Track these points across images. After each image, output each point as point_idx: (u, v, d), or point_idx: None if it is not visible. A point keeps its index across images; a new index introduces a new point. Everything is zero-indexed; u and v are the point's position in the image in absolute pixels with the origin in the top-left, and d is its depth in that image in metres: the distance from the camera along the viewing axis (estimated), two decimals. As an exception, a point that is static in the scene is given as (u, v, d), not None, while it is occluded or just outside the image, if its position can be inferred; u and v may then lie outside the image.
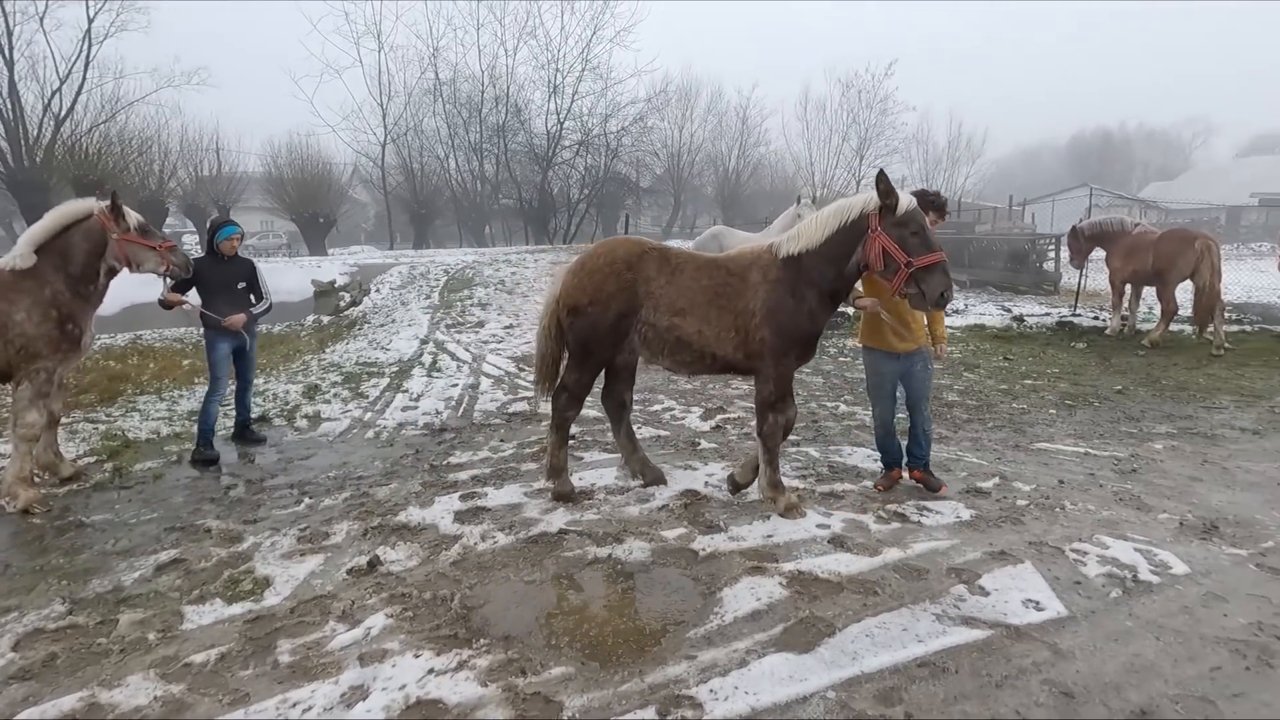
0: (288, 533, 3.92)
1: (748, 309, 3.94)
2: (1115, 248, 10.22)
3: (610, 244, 4.29)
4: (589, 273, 4.12)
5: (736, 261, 4.11)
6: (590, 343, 4.15)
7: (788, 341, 3.95)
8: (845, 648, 2.80)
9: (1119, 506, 4.26)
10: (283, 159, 29.15)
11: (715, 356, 4.07)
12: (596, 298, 4.05)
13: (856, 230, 3.82)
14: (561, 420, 4.36)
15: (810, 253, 3.91)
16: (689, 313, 4.01)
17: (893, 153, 41.40)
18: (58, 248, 4.44)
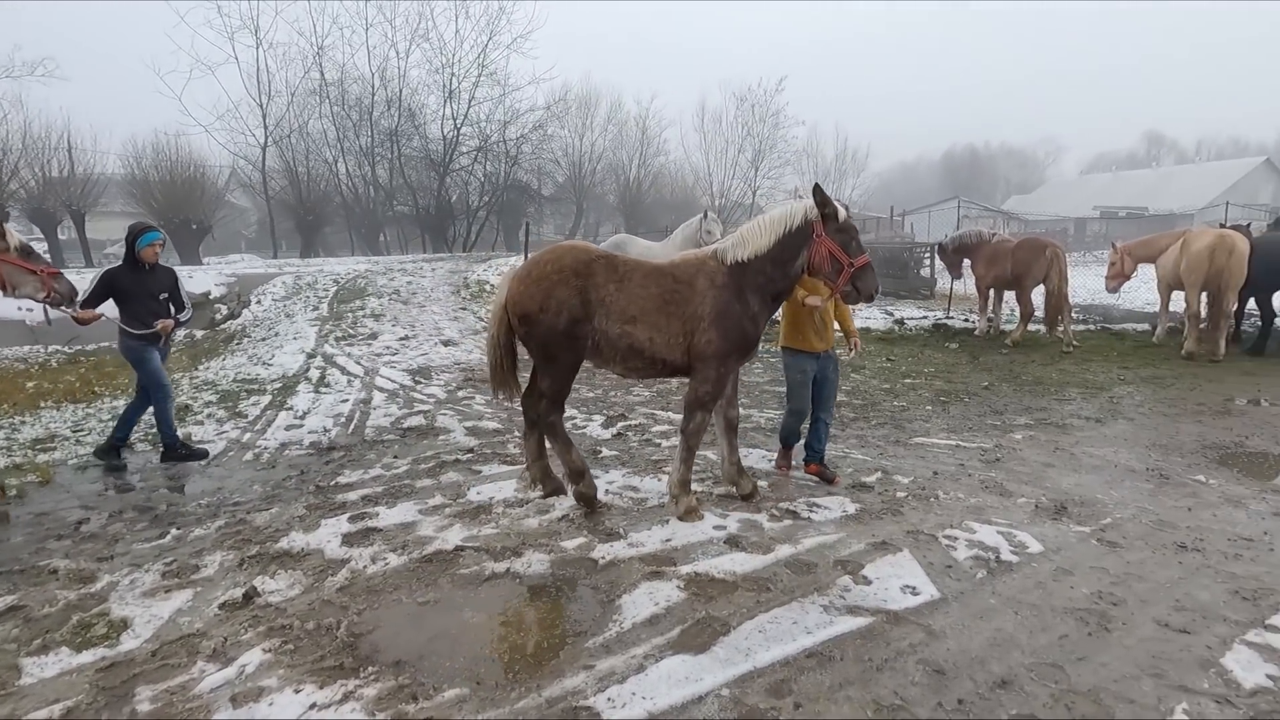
0: (150, 568, 3.59)
1: (696, 314, 4.05)
2: (978, 256, 11.15)
3: (558, 250, 4.24)
4: (537, 280, 4.05)
5: (682, 268, 4.19)
6: (551, 347, 4.09)
7: (732, 345, 4.10)
8: (739, 645, 2.89)
9: (985, 493, 4.63)
10: (148, 160, 26.78)
11: (665, 362, 4.15)
12: (547, 305, 3.99)
13: (801, 235, 4.08)
14: (550, 428, 4.29)
15: (759, 257, 4.09)
16: (640, 320, 4.05)
17: (785, 164, 43.37)
18: None
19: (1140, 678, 2.69)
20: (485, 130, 30.77)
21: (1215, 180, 46.83)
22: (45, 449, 5.71)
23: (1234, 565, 3.63)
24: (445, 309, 13.23)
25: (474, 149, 30.93)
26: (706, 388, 4.13)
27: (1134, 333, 11.82)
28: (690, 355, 4.11)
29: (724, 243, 4.25)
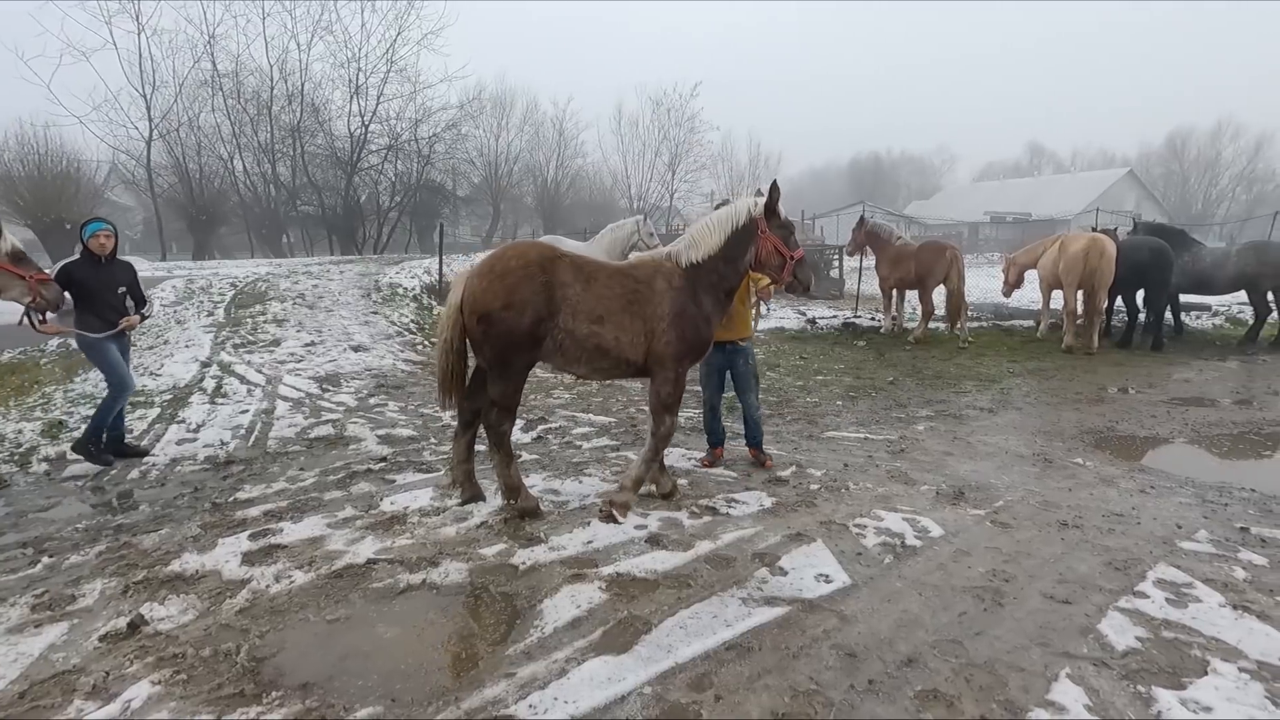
0: (18, 601, 3.24)
1: (656, 314, 4.12)
2: (883, 256, 11.74)
3: (520, 247, 4.14)
4: (499, 275, 3.90)
5: (641, 270, 4.24)
6: (507, 350, 3.94)
7: (689, 346, 4.22)
8: (661, 642, 2.91)
9: (891, 483, 4.87)
10: (11, 153, 24.18)
11: (629, 362, 4.16)
12: (510, 301, 3.85)
13: (748, 233, 4.26)
14: (499, 437, 4.13)
15: (711, 257, 4.23)
16: (607, 320, 4.05)
17: (701, 169, 44.32)
18: None
19: (1029, 647, 2.90)
20: (395, 128, 29.76)
21: (1087, 189, 51.35)
22: (-113, 475, 5.06)
23: (1108, 539, 3.97)
24: (355, 313, 12.68)
25: (384, 147, 29.83)
26: (668, 389, 4.21)
27: (1021, 329, 12.75)
28: (651, 357, 4.15)
29: (677, 245, 4.37)
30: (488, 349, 3.99)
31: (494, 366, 4.04)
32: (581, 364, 4.18)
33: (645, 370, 4.26)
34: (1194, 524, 4.21)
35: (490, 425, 4.15)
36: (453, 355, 4.08)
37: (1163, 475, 5.16)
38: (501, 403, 4.11)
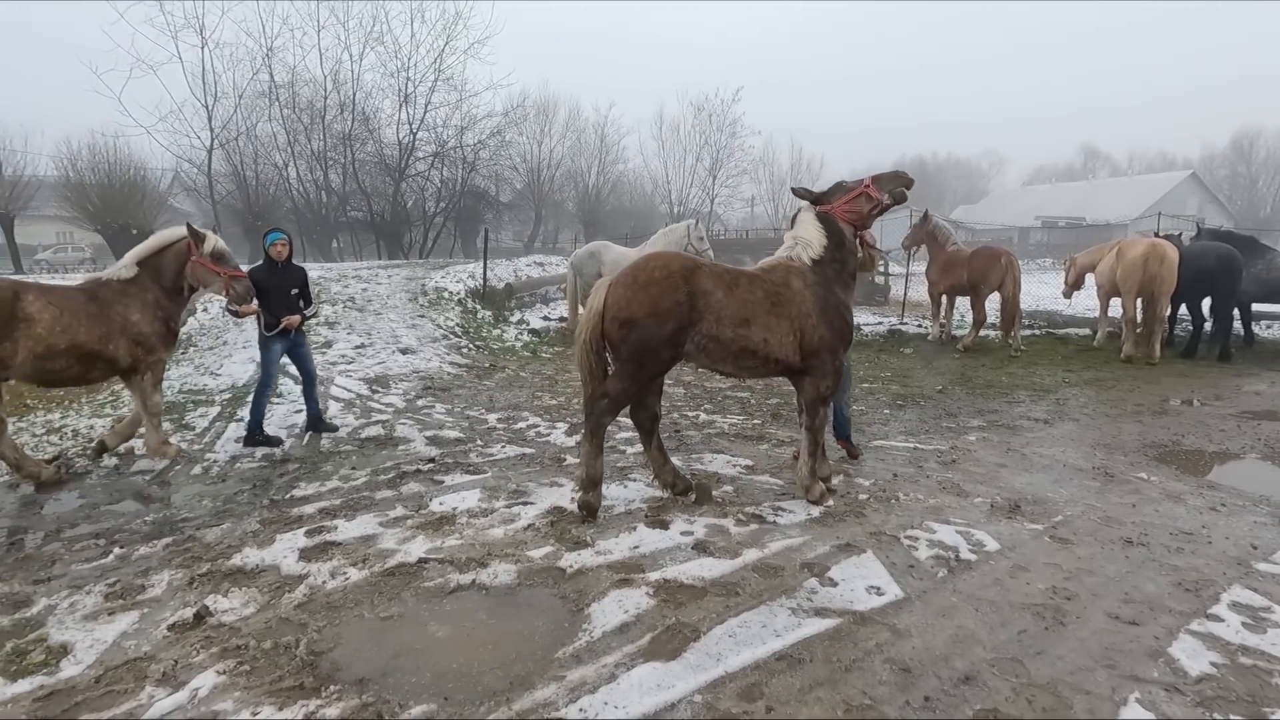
0: (92, 590, 3.40)
1: (802, 311, 4.29)
2: (935, 260, 11.47)
3: (662, 257, 4.27)
4: (643, 286, 4.08)
5: (774, 274, 4.42)
6: (645, 356, 4.12)
7: (841, 335, 4.44)
8: (710, 650, 2.89)
9: (943, 494, 4.75)
10: (83, 162, 25.49)
11: (778, 361, 4.33)
12: (654, 310, 4.04)
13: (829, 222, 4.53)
14: (597, 427, 4.26)
15: (825, 249, 4.48)
16: (753, 322, 4.21)
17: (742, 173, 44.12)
18: (154, 264, 5.29)
19: (1095, 669, 2.78)
20: (442, 136, 30.36)
21: (1146, 192, 49.36)
22: (-28, 466, 5.36)
23: (1176, 558, 3.80)
24: (402, 316, 12.95)
25: (430, 154, 30.47)
26: (826, 382, 4.42)
27: (1076, 337, 12.31)
28: (805, 353, 4.33)
29: (791, 249, 4.56)
30: (625, 351, 4.16)
31: (625, 366, 4.21)
32: (728, 363, 4.36)
33: (795, 369, 4.42)
34: (1271, 544, 4.00)
35: (594, 413, 4.27)
36: (592, 355, 4.31)
37: (1234, 492, 4.91)
38: (616, 398, 4.25)
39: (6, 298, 4.56)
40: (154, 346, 5.20)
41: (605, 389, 4.26)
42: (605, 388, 4.27)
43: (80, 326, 4.81)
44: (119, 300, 5.06)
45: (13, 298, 4.59)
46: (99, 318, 4.93)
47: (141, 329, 5.09)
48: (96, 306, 4.96)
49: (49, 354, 4.70)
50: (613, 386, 4.24)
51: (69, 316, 4.78)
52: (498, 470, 5.25)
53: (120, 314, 5.02)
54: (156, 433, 5.33)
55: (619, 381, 4.24)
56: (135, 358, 5.10)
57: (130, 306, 5.08)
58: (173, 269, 5.32)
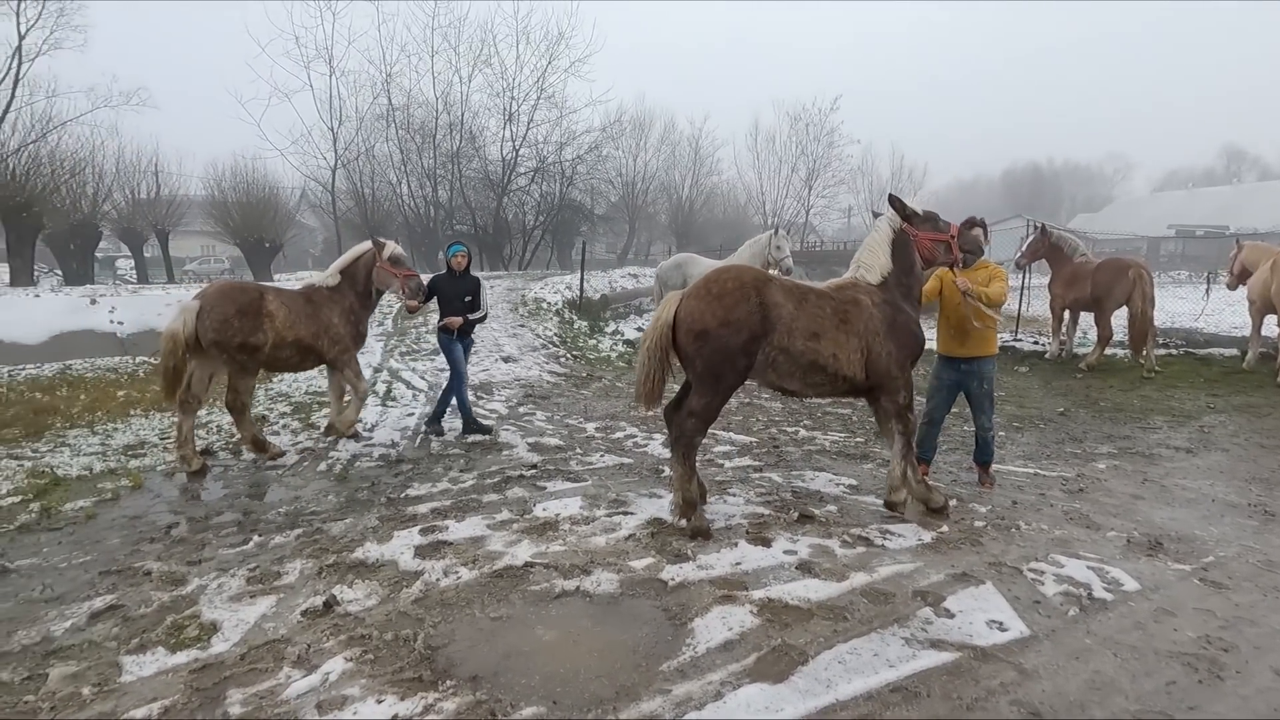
0: (236, 573, 3.72)
1: (870, 329, 4.31)
2: (1058, 274, 10.69)
3: (735, 269, 4.34)
4: (716, 296, 4.12)
5: (842, 292, 4.45)
6: (722, 367, 4.12)
7: (909, 350, 4.45)
8: (819, 675, 2.80)
9: (1070, 525, 4.40)
10: (227, 182, 28.21)
11: (846, 378, 4.32)
12: (727, 320, 4.05)
13: (903, 242, 4.59)
14: (689, 448, 4.29)
15: (890, 272, 4.53)
16: (822, 336, 4.21)
17: (839, 183, 43.09)
18: (351, 273, 6.24)
19: (1262, 732, 2.49)
20: (542, 151, 31.49)
21: (1304, 197, 44.11)
22: (136, 455, 6.01)
23: (1359, 613, 3.34)
24: (504, 326, 13.47)
25: (531, 170, 31.65)
26: (903, 394, 4.41)
27: (1220, 358, 11.12)
28: (871, 371, 4.32)
29: (855, 272, 4.59)
30: (700, 364, 4.14)
31: (704, 380, 4.19)
32: (795, 379, 4.31)
33: (862, 385, 4.40)
34: None
35: (683, 433, 4.27)
36: (654, 364, 4.26)
37: None
38: (702, 415, 4.23)
39: (255, 297, 5.63)
40: (347, 345, 6.11)
41: (690, 407, 4.26)
42: (690, 406, 4.26)
43: (301, 323, 5.81)
44: (326, 304, 6.03)
45: (259, 297, 5.65)
46: (313, 317, 5.92)
47: (339, 330, 6.02)
48: (311, 308, 5.95)
49: (280, 344, 5.70)
50: (697, 404, 4.23)
51: (294, 315, 5.77)
52: (597, 479, 5.33)
53: (326, 315, 5.98)
54: (356, 411, 6.33)
55: (702, 397, 4.22)
56: (333, 354, 6.03)
57: (333, 310, 6.03)
58: (363, 276, 6.25)
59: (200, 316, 5.40)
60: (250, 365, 5.67)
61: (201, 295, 5.57)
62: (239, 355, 5.53)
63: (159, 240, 29.74)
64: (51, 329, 10.96)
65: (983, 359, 5.02)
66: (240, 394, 5.71)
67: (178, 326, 5.35)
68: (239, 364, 5.59)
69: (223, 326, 5.41)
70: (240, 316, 5.47)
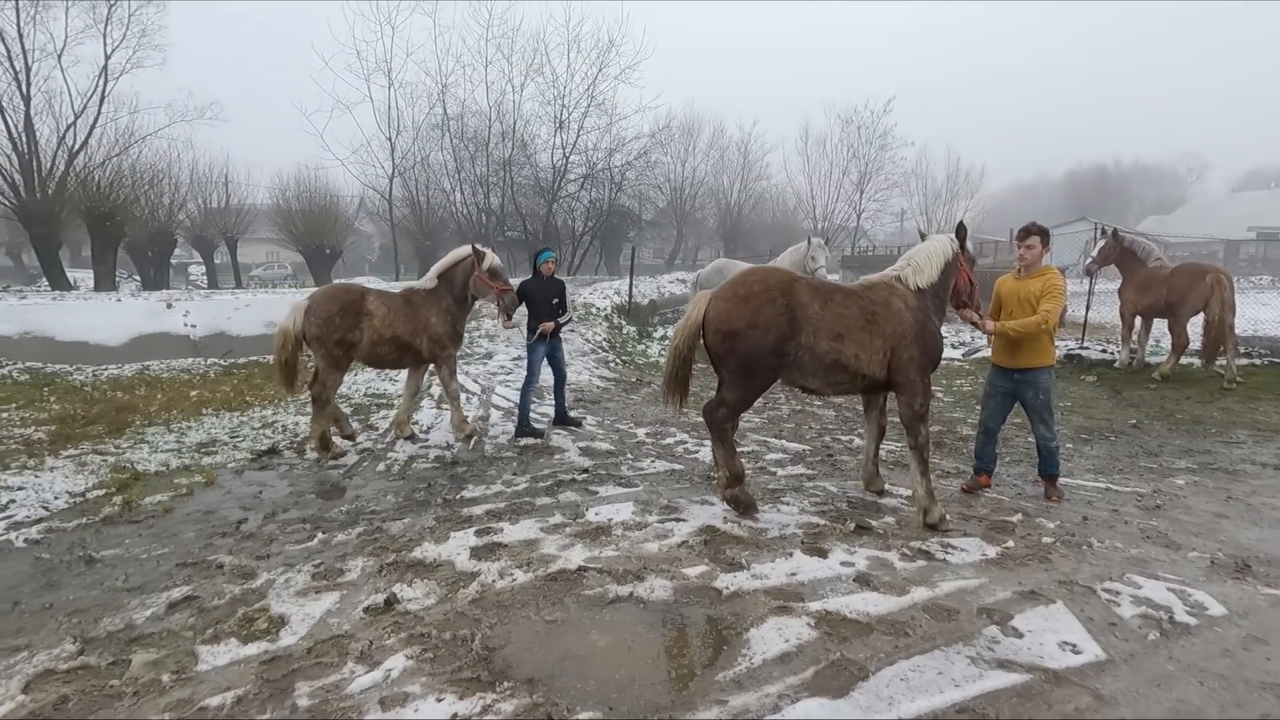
0: (302, 569, 3.84)
1: (898, 332, 4.40)
2: (1130, 279, 10.21)
3: (761, 272, 4.50)
4: (745, 299, 4.28)
5: (874, 292, 4.55)
6: (753, 365, 4.29)
7: (931, 358, 4.55)
8: (880, 692, 2.72)
9: (1147, 544, 4.18)
10: (291, 192, 29.41)
11: (865, 376, 4.44)
12: (756, 321, 4.21)
13: (951, 266, 4.73)
14: (721, 432, 4.50)
15: (933, 284, 4.64)
16: (846, 337, 4.33)
17: (892, 186, 42.07)
18: (449, 277, 6.58)
19: (1371, 774, 2.30)
20: (592, 158, 31.74)
21: (1404, 197, 41.01)
22: (209, 452, 6.29)
23: None
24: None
25: (581, 176, 31.94)
26: (919, 399, 4.50)
27: (1311, 369, 10.42)
28: (893, 371, 4.43)
29: (902, 269, 4.68)
30: (732, 362, 4.32)
31: (736, 377, 4.38)
32: (816, 378, 4.45)
33: (881, 385, 4.54)
34: None
35: (715, 420, 4.46)
36: (679, 362, 4.50)
37: None
38: (733, 405, 4.44)
39: (356, 298, 6.08)
40: (445, 344, 6.47)
41: (723, 398, 4.48)
42: (723, 397, 4.49)
43: (399, 322, 6.20)
44: (424, 305, 6.41)
45: (360, 298, 6.10)
46: (411, 317, 6.30)
47: (437, 329, 6.39)
48: (410, 309, 6.33)
49: (378, 341, 6.11)
50: (729, 396, 4.45)
51: (393, 314, 6.18)
52: (649, 484, 5.32)
53: (424, 316, 6.36)
54: (458, 412, 6.69)
55: (733, 392, 4.43)
56: (432, 352, 6.43)
57: (431, 311, 6.40)
58: (461, 281, 6.57)
59: (307, 314, 5.91)
60: (344, 360, 6.07)
61: (310, 295, 6.14)
62: (335, 350, 5.96)
63: (228, 247, 31.20)
64: (131, 331, 11.60)
65: (1037, 369, 4.86)
66: (327, 387, 6.06)
67: (289, 324, 5.90)
68: (334, 359, 6.00)
69: (325, 323, 5.89)
70: (341, 314, 5.94)
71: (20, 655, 3.01)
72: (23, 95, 21.73)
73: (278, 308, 13.09)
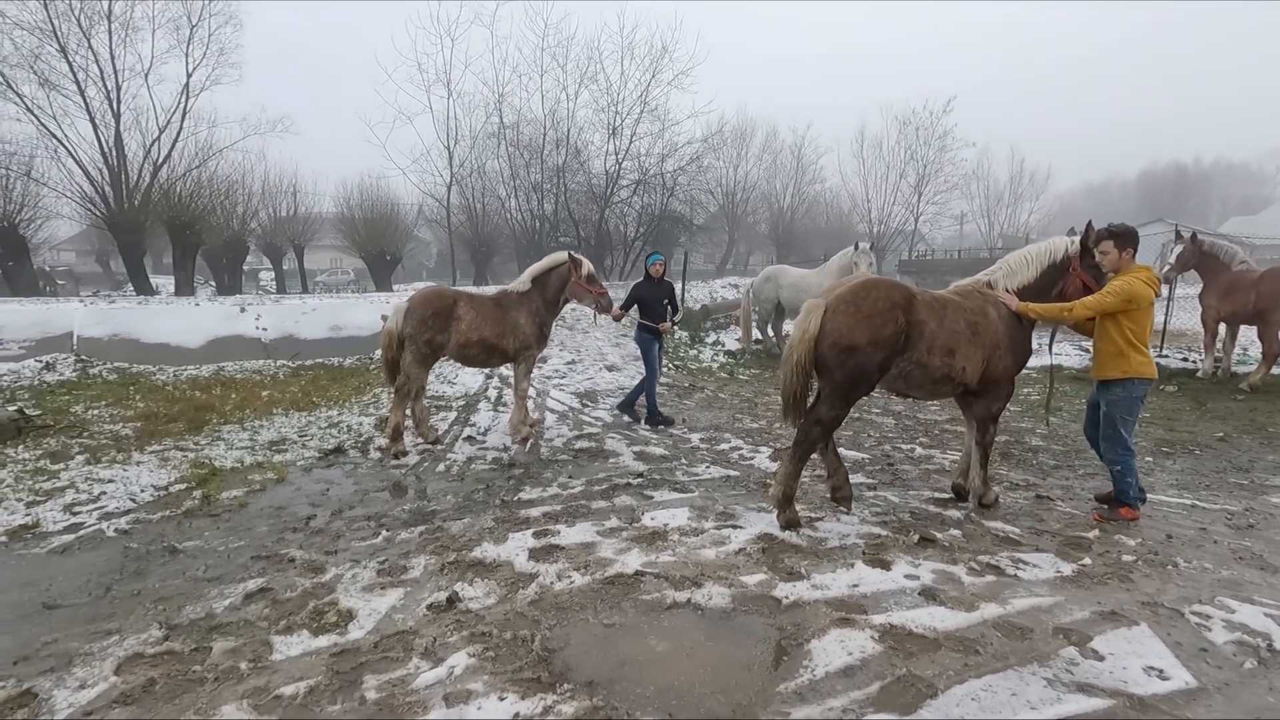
0: (367, 565, 3.96)
1: (993, 341, 4.48)
2: (1213, 284, 9.65)
3: (885, 286, 4.34)
4: (869, 315, 4.19)
5: (969, 300, 4.58)
6: (860, 381, 4.28)
7: (1020, 363, 4.64)
8: (950, 712, 2.62)
9: (1239, 565, 3.92)
10: (354, 200, 30.55)
11: (964, 384, 4.50)
12: (876, 339, 4.18)
13: (1061, 268, 4.69)
14: (809, 450, 4.44)
15: (1025, 288, 4.65)
16: (957, 351, 4.38)
17: (952, 189, 40.90)
18: (542, 281, 6.87)
19: None
20: (644, 164, 31.85)
21: None
22: (279, 450, 6.56)
23: None
24: (607, 335, 13.71)
25: (633, 182, 32.10)
26: (1000, 404, 4.65)
27: None
28: (986, 379, 4.52)
29: (994, 274, 4.69)
30: (840, 376, 4.25)
31: (836, 391, 4.31)
32: (924, 389, 4.54)
33: (973, 390, 4.59)
34: None
35: (808, 438, 4.39)
36: (800, 377, 4.30)
37: None
38: (829, 424, 4.39)
39: (449, 303, 6.45)
40: (530, 344, 6.73)
41: (819, 416, 4.34)
42: (818, 414, 4.34)
43: (487, 326, 6.50)
44: (514, 308, 6.68)
45: (453, 303, 6.46)
46: (500, 320, 6.57)
47: (525, 331, 6.65)
48: (500, 311, 6.61)
49: (466, 344, 6.46)
50: (826, 413, 4.34)
51: (480, 319, 6.48)
52: (704, 490, 5.29)
53: (514, 318, 6.63)
54: (520, 410, 6.88)
55: (832, 408, 4.34)
56: (518, 351, 6.69)
57: (520, 313, 6.66)
58: (555, 286, 6.88)
59: (406, 315, 6.37)
60: (430, 358, 6.47)
61: (409, 298, 6.61)
62: (424, 349, 6.37)
63: (295, 254, 32.58)
64: (208, 334, 12.21)
65: (1109, 383, 4.59)
66: (410, 379, 6.41)
67: (393, 325, 6.39)
68: (421, 356, 6.38)
69: (419, 324, 6.32)
70: (434, 317, 6.34)
71: (112, 639, 3.19)
72: (114, 113, 23.23)
73: (342, 312, 13.59)
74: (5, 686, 2.81)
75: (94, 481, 5.48)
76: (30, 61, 21.53)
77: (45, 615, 3.44)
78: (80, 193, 22.60)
